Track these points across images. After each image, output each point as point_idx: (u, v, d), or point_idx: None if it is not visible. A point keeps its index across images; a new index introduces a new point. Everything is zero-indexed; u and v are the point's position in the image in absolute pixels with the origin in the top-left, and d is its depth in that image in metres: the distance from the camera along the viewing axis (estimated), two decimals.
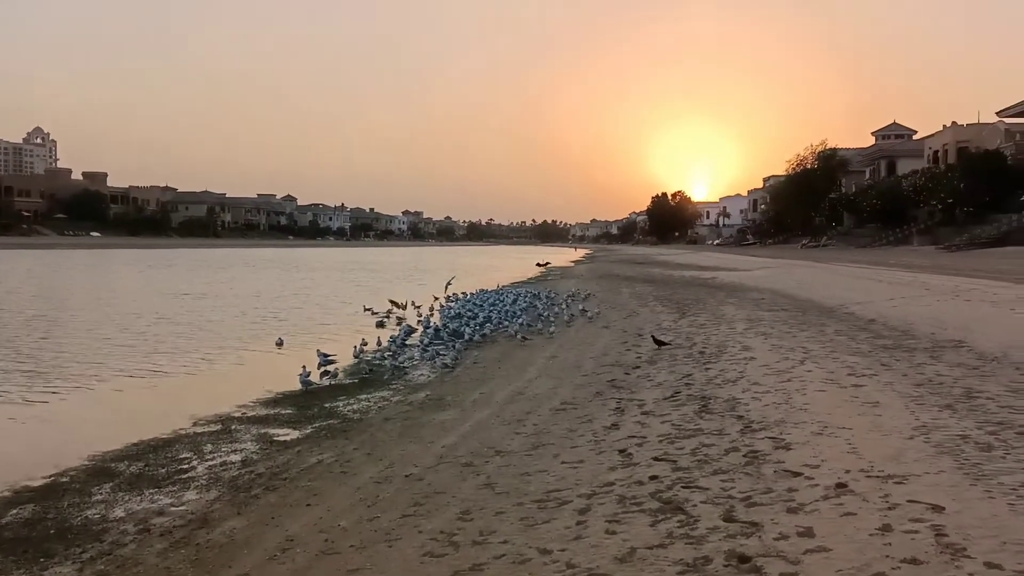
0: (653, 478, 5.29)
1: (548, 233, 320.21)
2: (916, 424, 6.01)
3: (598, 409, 8.33)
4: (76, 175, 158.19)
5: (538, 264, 64.03)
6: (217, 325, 21.44)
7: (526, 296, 27.69)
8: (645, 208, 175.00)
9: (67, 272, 50.16)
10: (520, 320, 19.71)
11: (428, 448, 7.53)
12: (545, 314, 20.85)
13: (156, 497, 6.95)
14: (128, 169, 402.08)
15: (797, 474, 4.95)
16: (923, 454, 5.13)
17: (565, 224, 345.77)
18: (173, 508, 6.59)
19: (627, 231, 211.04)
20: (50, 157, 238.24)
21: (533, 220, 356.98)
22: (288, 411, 10.58)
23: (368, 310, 24.64)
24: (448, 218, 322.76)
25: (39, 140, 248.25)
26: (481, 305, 24.67)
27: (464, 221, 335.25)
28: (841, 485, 4.58)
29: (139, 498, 6.96)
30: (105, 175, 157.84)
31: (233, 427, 9.69)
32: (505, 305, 23.98)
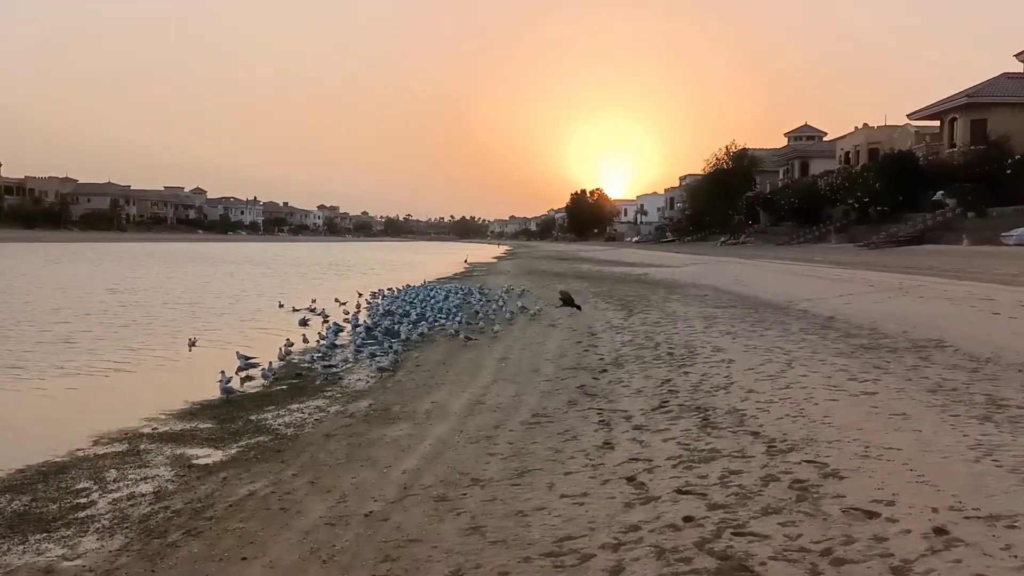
0: (688, 520, 4.27)
1: (467, 229, 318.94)
2: (969, 442, 5.22)
3: (578, 422, 7.29)
4: None
5: (465, 261, 62.82)
6: (120, 324, 19.33)
7: (457, 292, 26.50)
8: (564, 205, 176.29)
9: None
10: (458, 318, 18.55)
11: (385, 475, 6.31)
12: (483, 311, 19.76)
13: (44, 546, 5.48)
14: (23, 159, 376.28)
15: (872, 514, 4.03)
16: (1008, 483, 4.30)
17: (484, 221, 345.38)
18: (65, 563, 5.15)
19: (546, 228, 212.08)
20: None
21: (451, 216, 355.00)
22: (207, 425, 9.11)
23: (292, 308, 22.95)
24: (365, 213, 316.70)
25: None
26: (411, 302, 23.33)
27: (381, 217, 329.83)
28: (941, 531, 3.67)
29: (21, 548, 5.47)
30: None
31: (142, 446, 8.18)
32: (437, 302, 22.75)
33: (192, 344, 15.78)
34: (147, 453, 7.90)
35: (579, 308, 17.17)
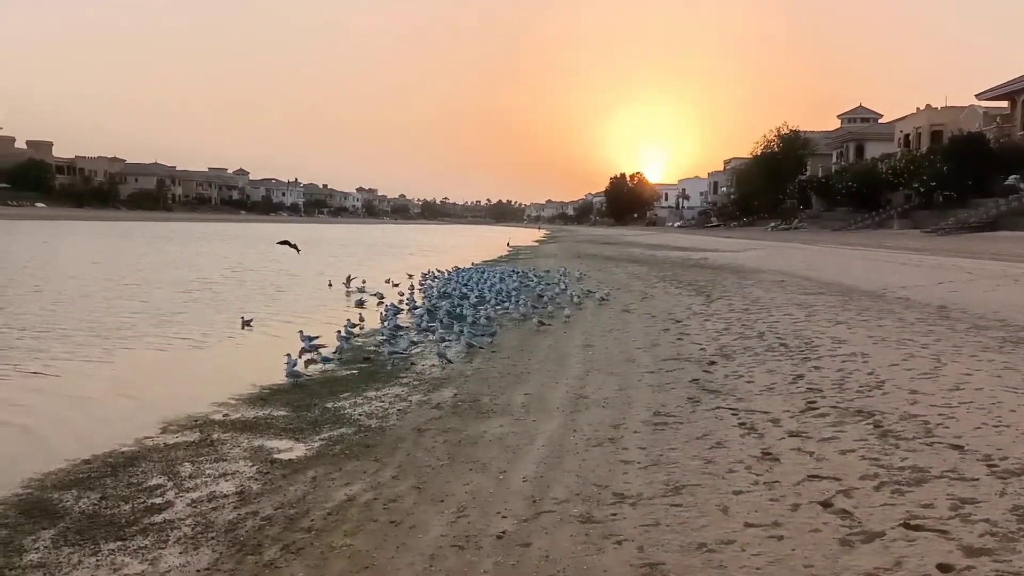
0: (947, 570, 3.28)
1: (503, 213, 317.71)
2: None
3: (714, 424, 6.32)
4: (20, 144, 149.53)
5: (508, 244, 61.89)
6: (172, 303, 18.82)
7: (512, 275, 25.56)
8: (602, 189, 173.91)
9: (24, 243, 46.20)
10: (521, 301, 17.64)
11: (503, 482, 5.42)
12: (547, 295, 18.79)
13: (119, 559, 4.71)
14: (74, 139, 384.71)
15: None
16: None
17: (520, 204, 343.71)
18: None
19: (583, 212, 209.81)
20: None
21: (488, 200, 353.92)
22: (282, 413, 8.33)
23: (346, 289, 22.30)
24: (403, 196, 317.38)
25: None
26: (466, 284, 22.45)
27: (419, 200, 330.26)
28: None
29: (94, 560, 4.71)
30: (50, 144, 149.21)
31: (215, 436, 7.43)
32: (494, 284, 21.80)
33: (246, 324, 15.11)
34: (222, 444, 7.14)
35: (297, 248, 17.36)
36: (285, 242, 17.95)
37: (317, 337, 12.64)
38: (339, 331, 13.33)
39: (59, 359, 11.39)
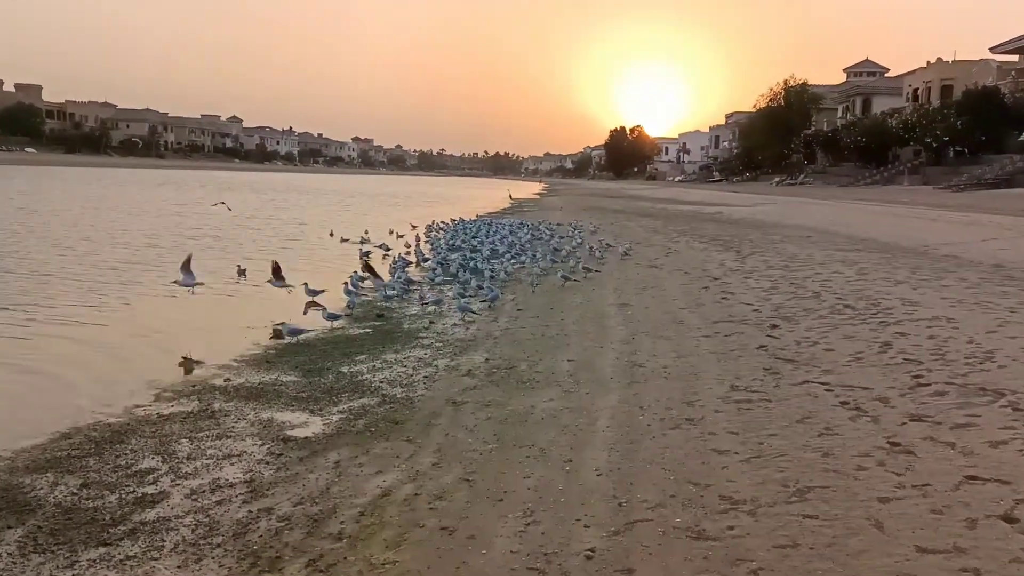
0: None
1: (500, 166, 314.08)
2: None
3: (809, 403, 5.35)
4: (8, 87, 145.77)
5: (510, 196, 60.45)
6: (162, 249, 17.69)
7: (522, 227, 24.42)
8: (600, 143, 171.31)
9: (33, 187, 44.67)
10: (537, 255, 16.60)
11: (573, 477, 4.45)
12: (564, 249, 17.72)
13: (101, 574, 3.74)
14: (64, 83, 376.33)
15: None
16: None
17: (518, 157, 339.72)
18: None
19: (582, 166, 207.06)
20: None
21: (485, 152, 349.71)
22: (291, 378, 7.35)
23: (341, 238, 21.10)
24: (399, 147, 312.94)
25: None
26: (475, 236, 21.33)
27: (415, 151, 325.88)
28: None
29: (68, 574, 3.74)
30: (39, 88, 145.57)
31: (217, 405, 6.45)
32: (504, 236, 20.67)
33: (242, 272, 14.04)
34: (225, 416, 6.16)
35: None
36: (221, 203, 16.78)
37: (322, 291, 11.63)
38: (345, 283, 12.29)
39: (39, 309, 10.36)
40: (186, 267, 10.97)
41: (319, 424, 5.93)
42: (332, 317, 10.02)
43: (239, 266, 14.35)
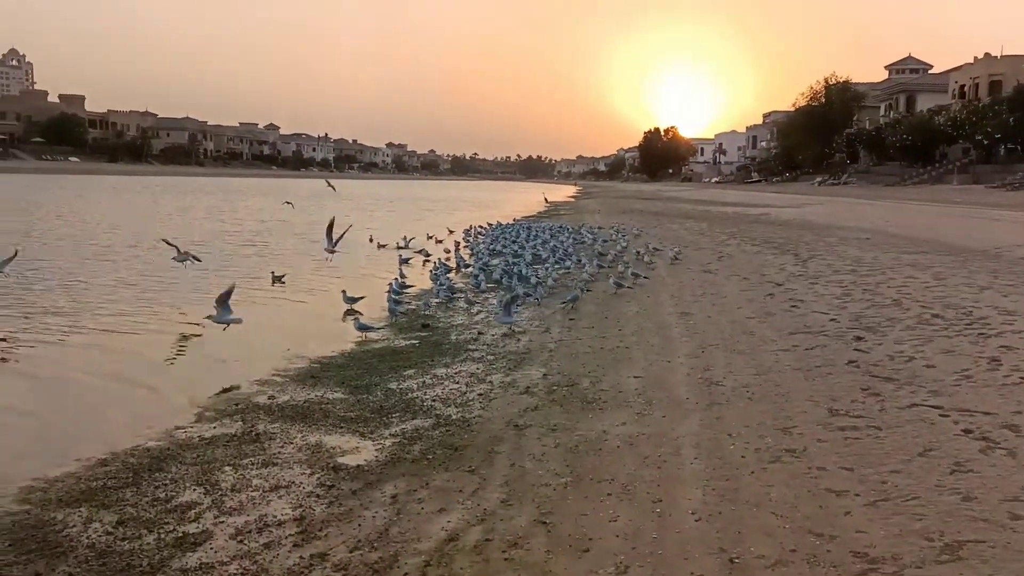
0: None
1: (533, 169, 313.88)
2: None
3: (926, 431, 4.71)
4: (52, 98, 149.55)
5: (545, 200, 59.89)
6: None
7: (563, 231, 23.82)
8: (634, 145, 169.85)
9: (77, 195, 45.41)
10: (581, 259, 16.05)
11: (666, 521, 3.88)
12: (610, 253, 17.11)
13: None
14: (107, 93, 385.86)
15: None
16: None
17: (550, 160, 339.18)
18: None
19: (615, 168, 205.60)
20: (26, 80, 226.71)
21: (518, 156, 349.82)
22: (338, 395, 6.88)
23: (378, 244, 20.72)
24: (432, 152, 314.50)
25: (15, 62, 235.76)
26: (515, 240, 20.79)
27: (448, 155, 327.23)
28: None
29: None
30: (83, 98, 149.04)
31: (261, 427, 6.00)
32: (546, 240, 20.08)
33: (277, 279, 13.66)
34: (270, 439, 5.70)
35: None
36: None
37: (361, 297, 11.21)
38: (388, 290, 11.85)
39: (76, 320, 10.07)
40: (223, 300, 9.69)
41: (371, 450, 5.44)
42: (364, 328, 9.59)
43: (273, 272, 13.98)
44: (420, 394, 6.82)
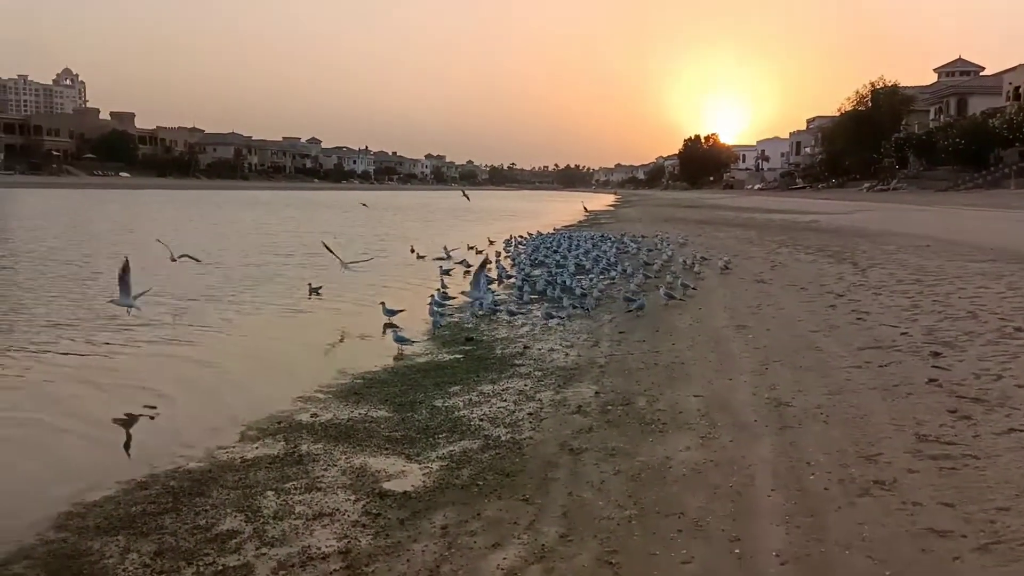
0: None
1: (571, 178, 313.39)
2: None
3: None
4: (104, 115, 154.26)
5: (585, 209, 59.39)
6: (244, 270, 17.48)
7: (605, 240, 23.40)
8: (672, 152, 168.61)
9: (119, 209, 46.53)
10: (627, 269, 15.66)
11: (747, 563, 3.50)
12: (656, 262, 16.67)
13: None
14: (156, 110, 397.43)
15: None
16: None
17: (588, 169, 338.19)
18: None
19: (654, 176, 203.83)
20: (79, 98, 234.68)
21: (556, 165, 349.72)
22: (382, 412, 6.62)
23: (417, 255, 20.52)
24: (470, 162, 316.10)
25: (68, 81, 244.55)
26: (556, 250, 20.43)
27: (486, 165, 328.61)
28: None
29: None
30: (133, 115, 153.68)
31: (304, 447, 5.76)
32: (588, 250, 19.68)
33: (314, 291, 13.47)
34: (313, 461, 5.45)
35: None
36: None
37: (401, 310, 10.97)
38: (430, 302, 11.60)
39: (111, 335, 10.00)
40: (123, 279, 8.76)
41: (418, 474, 5.15)
42: (401, 340, 9.36)
43: (310, 284, 13.81)
44: (467, 412, 6.52)
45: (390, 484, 4.98)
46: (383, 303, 11.38)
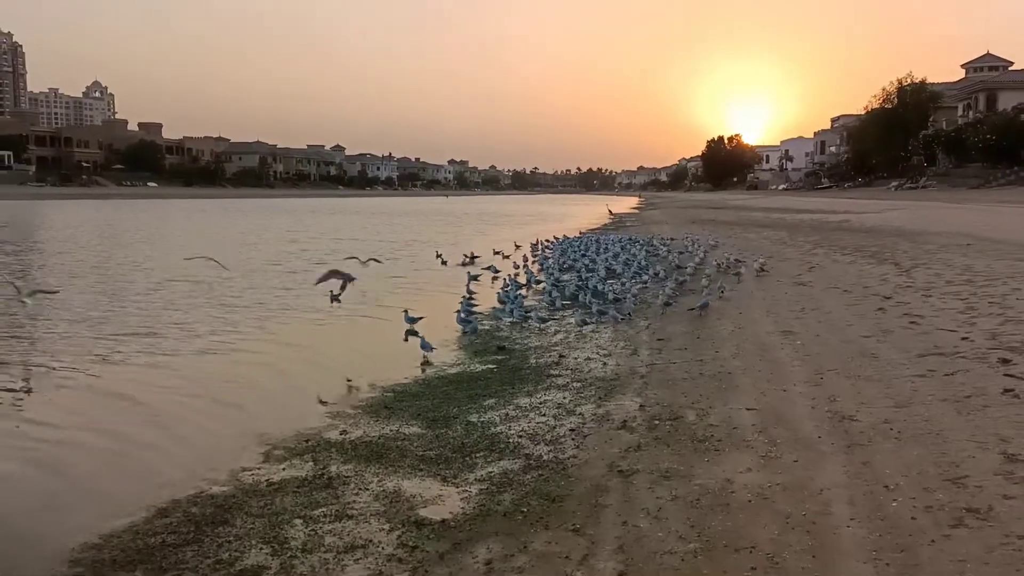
0: None
1: (593, 181, 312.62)
2: None
3: None
4: (132, 126, 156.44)
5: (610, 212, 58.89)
6: (270, 272, 17.26)
7: (634, 243, 22.93)
8: (695, 153, 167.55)
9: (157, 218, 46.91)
10: (660, 272, 15.26)
11: None
12: (688, 265, 16.21)
13: None
14: (182, 120, 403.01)
15: None
16: None
17: (611, 172, 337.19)
18: None
19: (677, 178, 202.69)
20: (108, 110, 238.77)
21: (578, 168, 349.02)
22: (415, 429, 6.28)
23: (442, 261, 20.19)
24: (493, 167, 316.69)
25: (97, 93, 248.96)
26: (584, 253, 20.03)
27: (509, 170, 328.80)
28: None
29: None
30: (160, 126, 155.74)
31: (333, 468, 5.43)
32: (617, 253, 19.24)
33: (335, 298, 12.86)
34: (344, 484, 5.11)
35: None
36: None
37: (421, 317, 10.59)
38: (458, 310, 11.27)
39: (129, 347, 9.76)
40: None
41: (456, 499, 4.78)
42: (426, 347, 9.07)
43: (332, 291, 13.26)
44: (504, 428, 6.15)
45: (426, 511, 4.63)
46: (405, 310, 11.05)
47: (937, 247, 16.46)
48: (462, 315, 11.15)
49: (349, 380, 8.24)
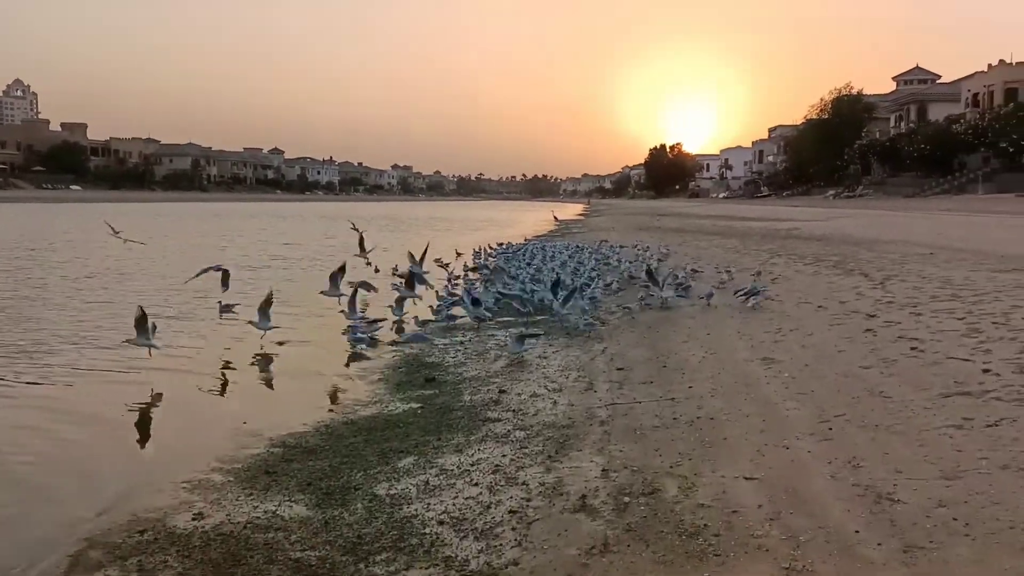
0: None
1: (539, 188, 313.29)
2: None
3: None
4: (54, 126, 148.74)
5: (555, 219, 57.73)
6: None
7: (581, 251, 21.49)
8: (639, 162, 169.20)
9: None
10: (613, 283, 13.92)
11: None
12: (642, 277, 14.80)
13: None
14: (109, 121, 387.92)
15: None
16: None
17: (556, 179, 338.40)
18: None
19: (621, 186, 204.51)
20: (31, 109, 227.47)
21: (523, 175, 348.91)
22: (295, 510, 4.66)
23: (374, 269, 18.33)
24: (438, 172, 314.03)
25: (19, 92, 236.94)
26: (530, 263, 18.48)
27: (453, 176, 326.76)
28: None
29: None
30: (85, 126, 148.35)
31: None
32: (565, 262, 17.74)
33: (225, 309, 10.90)
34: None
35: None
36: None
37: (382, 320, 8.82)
38: (353, 326, 9.79)
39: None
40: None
41: None
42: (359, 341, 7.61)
43: (220, 302, 11.24)
44: (420, 508, 4.53)
45: None
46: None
47: (900, 256, 15.50)
48: (358, 333, 9.60)
49: (245, 423, 6.53)
